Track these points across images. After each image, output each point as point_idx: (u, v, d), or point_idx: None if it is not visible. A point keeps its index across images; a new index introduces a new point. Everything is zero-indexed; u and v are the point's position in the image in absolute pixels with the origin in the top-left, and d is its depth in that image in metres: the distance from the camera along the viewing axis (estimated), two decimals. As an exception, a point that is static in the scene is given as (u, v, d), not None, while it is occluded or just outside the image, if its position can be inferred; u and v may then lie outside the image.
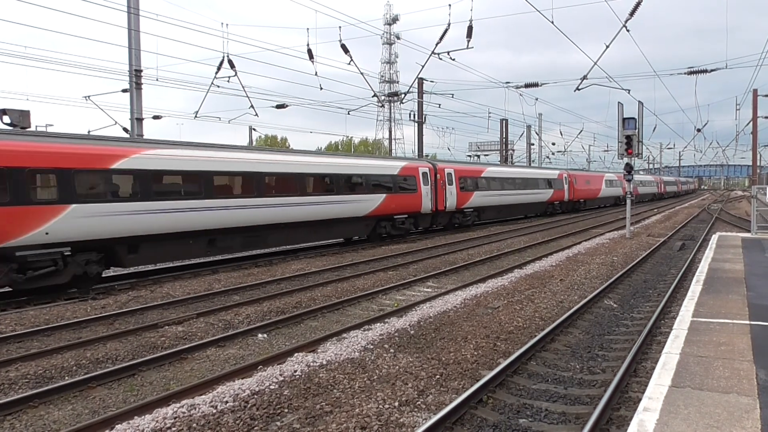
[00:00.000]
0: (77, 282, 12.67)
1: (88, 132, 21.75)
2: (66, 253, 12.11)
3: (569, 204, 42.22)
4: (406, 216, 23.13)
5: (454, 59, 24.06)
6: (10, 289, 11.94)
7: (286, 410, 5.89)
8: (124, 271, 15.45)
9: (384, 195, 21.54)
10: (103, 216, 12.66)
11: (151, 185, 13.71)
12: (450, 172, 26.08)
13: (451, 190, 25.96)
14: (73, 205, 12.13)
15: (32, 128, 13.35)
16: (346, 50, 22.36)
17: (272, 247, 19.03)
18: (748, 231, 20.43)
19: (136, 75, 17.73)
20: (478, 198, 28.41)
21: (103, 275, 14.00)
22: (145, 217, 13.49)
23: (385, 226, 22.21)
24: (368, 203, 20.77)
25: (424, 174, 24.08)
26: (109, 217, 12.80)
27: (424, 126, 33.48)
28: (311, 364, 7.25)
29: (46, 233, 11.68)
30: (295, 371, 6.98)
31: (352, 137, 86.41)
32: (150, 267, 16.09)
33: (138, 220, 13.34)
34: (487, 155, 61.39)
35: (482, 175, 29.18)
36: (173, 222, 14.19)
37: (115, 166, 13.06)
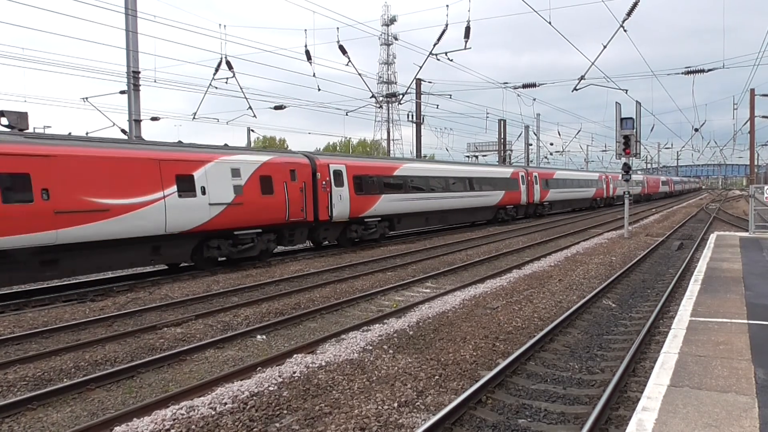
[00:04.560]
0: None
1: (86, 133, 21.67)
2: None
3: (647, 196, 63.36)
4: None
5: (452, 60, 24.09)
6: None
7: (285, 411, 5.89)
8: (124, 272, 15.45)
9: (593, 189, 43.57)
10: None
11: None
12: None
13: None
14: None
15: (30, 130, 13.32)
16: (344, 51, 22.36)
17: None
18: (746, 230, 20.47)
19: (134, 76, 17.72)
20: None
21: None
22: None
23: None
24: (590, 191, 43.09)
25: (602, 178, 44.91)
26: None
27: (422, 126, 33.57)
28: (310, 365, 7.25)
29: None
30: (294, 372, 6.97)
31: (350, 138, 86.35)
32: (149, 269, 16.07)
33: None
34: (485, 156, 61.51)
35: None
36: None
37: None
